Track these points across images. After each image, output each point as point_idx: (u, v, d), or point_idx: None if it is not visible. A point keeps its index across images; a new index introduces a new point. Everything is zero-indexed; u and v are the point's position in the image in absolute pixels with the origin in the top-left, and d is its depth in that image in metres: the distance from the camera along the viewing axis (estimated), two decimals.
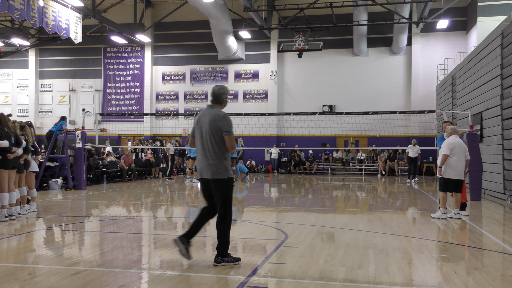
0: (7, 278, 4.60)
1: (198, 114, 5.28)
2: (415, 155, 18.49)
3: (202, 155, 5.12)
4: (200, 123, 5.13)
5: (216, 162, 5.05)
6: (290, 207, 10.81)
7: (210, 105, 5.22)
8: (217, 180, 5.06)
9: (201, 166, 5.14)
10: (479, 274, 4.95)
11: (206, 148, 5.08)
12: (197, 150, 5.20)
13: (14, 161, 8.08)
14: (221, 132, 5.02)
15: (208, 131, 5.04)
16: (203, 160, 5.11)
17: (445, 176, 8.69)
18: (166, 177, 20.13)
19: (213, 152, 5.05)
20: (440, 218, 8.74)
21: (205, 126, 5.07)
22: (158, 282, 4.56)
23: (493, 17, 20.65)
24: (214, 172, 5.06)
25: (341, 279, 4.65)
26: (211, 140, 5.04)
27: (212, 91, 5.27)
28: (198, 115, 5.24)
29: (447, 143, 8.63)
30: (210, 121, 5.05)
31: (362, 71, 25.83)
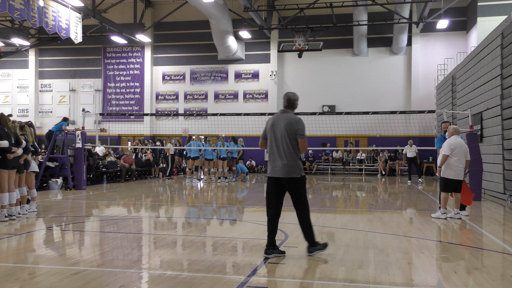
0: (7, 278, 4.60)
1: (271, 118, 5.66)
2: (413, 155, 18.43)
3: (276, 156, 5.52)
4: (275, 127, 5.54)
5: (291, 163, 5.46)
6: (290, 207, 10.76)
7: (284, 110, 5.68)
8: (292, 178, 5.48)
9: (274, 166, 5.52)
10: (479, 274, 4.95)
11: (281, 149, 5.48)
12: (270, 151, 5.58)
13: (14, 161, 8.08)
14: (296, 135, 5.44)
15: (284, 134, 5.47)
16: (277, 161, 5.49)
17: (445, 176, 8.68)
18: (166, 177, 20.14)
19: (288, 153, 5.46)
20: (440, 218, 8.74)
21: (281, 129, 5.49)
22: (158, 282, 4.56)
23: (493, 17, 20.65)
24: (290, 172, 5.46)
25: (341, 279, 4.65)
26: (286, 142, 5.46)
27: (287, 97, 5.68)
28: (271, 119, 5.63)
29: (448, 143, 8.63)
30: (286, 124, 5.48)
31: (362, 71, 25.83)
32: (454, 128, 8.85)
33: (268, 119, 5.71)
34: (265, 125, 5.71)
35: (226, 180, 18.27)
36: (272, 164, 5.54)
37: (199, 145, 17.84)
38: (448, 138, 8.85)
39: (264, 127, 5.70)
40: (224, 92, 27.58)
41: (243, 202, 11.81)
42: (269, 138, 5.59)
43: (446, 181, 8.70)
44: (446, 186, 8.74)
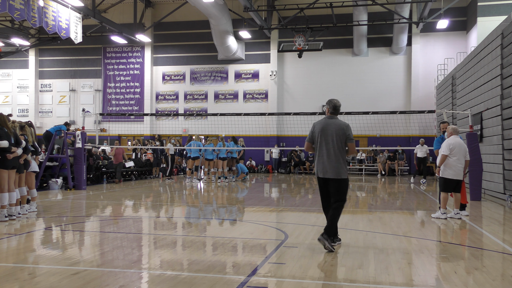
0: (7, 278, 4.60)
1: (319, 123, 6.11)
2: (423, 155, 18.09)
3: (326, 158, 5.99)
4: (325, 131, 6.02)
5: (340, 165, 5.99)
6: (290, 207, 10.82)
7: (330, 116, 6.18)
8: (340, 179, 6.00)
9: (325, 167, 6.00)
10: (479, 274, 4.95)
11: (332, 152, 5.97)
12: (320, 154, 6.04)
13: (14, 161, 8.08)
14: (346, 139, 6.02)
15: (334, 138, 5.99)
16: (328, 163, 5.98)
17: (444, 176, 8.68)
18: (166, 177, 20.14)
19: (338, 156, 5.99)
20: (440, 218, 8.74)
21: (331, 134, 6.00)
22: (158, 282, 4.56)
23: (493, 17, 20.66)
24: (338, 173, 5.98)
25: (341, 279, 4.65)
26: (337, 146, 5.99)
27: (333, 104, 6.17)
28: (320, 124, 6.09)
29: (447, 143, 8.62)
30: (336, 129, 6.02)
31: (362, 71, 25.84)
32: (453, 128, 8.84)
33: (315, 124, 6.15)
34: (312, 129, 6.15)
35: (226, 180, 18.26)
36: (323, 165, 6.01)
37: (199, 145, 17.85)
38: (447, 138, 8.84)
39: (310, 131, 6.14)
40: (224, 92, 27.58)
41: (243, 202, 11.81)
42: (318, 142, 6.05)
43: (446, 181, 8.70)
44: (445, 186, 8.73)
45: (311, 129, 6.16)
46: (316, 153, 6.11)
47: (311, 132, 6.14)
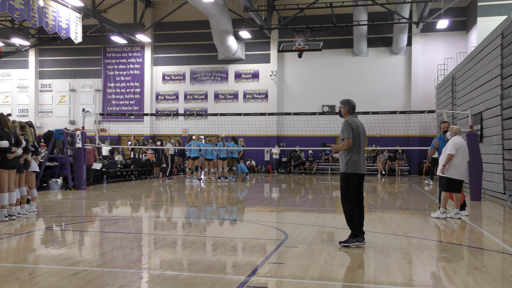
0: (7, 278, 4.60)
1: (356, 122, 6.30)
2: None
3: (362, 155, 6.32)
4: (360, 129, 6.31)
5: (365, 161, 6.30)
6: (290, 207, 10.82)
7: (355, 115, 6.47)
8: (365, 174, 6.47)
9: (361, 164, 6.28)
10: (479, 274, 4.95)
11: (363, 150, 6.33)
12: (361, 151, 6.29)
13: (14, 161, 8.08)
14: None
15: (364, 135, 6.42)
16: (363, 159, 6.33)
17: (448, 176, 8.60)
18: (166, 177, 20.13)
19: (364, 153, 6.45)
20: (440, 218, 8.73)
21: (363, 132, 6.38)
22: (158, 282, 4.56)
23: (493, 17, 20.65)
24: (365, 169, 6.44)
25: (341, 279, 4.65)
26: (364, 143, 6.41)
27: (353, 104, 6.47)
28: (356, 122, 6.29)
29: (453, 143, 8.55)
30: (363, 127, 6.41)
31: (362, 71, 25.84)
32: (457, 129, 8.78)
33: (355, 121, 6.30)
34: (352, 126, 6.22)
35: (226, 180, 18.26)
36: (361, 162, 6.27)
37: (199, 145, 17.85)
38: (451, 138, 8.79)
39: (351, 128, 6.20)
40: (224, 92, 27.58)
41: (243, 202, 11.81)
42: (358, 139, 6.25)
43: (449, 181, 8.62)
44: (448, 185, 8.67)
45: (352, 127, 6.20)
46: (354, 150, 6.20)
47: (354, 130, 6.21)
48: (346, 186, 6.19)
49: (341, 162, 6.30)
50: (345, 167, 6.22)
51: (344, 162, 6.23)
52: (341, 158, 6.33)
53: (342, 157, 6.29)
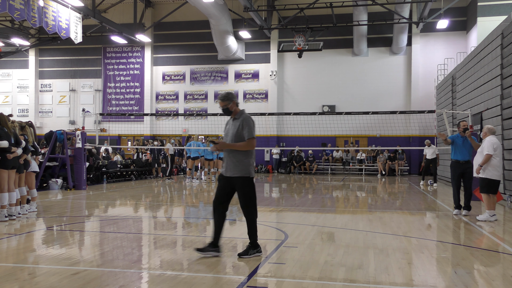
0: (7, 278, 4.60)
1: (252, 118, 5.91)
2: (432, 156, 17.02)
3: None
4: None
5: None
6: (290, 207, 10.81)
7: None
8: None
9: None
10: (479, 274, 4.95)
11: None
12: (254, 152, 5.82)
13: (14, 161, 8.08)
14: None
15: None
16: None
17: (489, 177, 8.40)
18: (166, 177, 20.13)
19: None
20: (489, 220, 8.40)
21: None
22: (158, 282, 4.56)
23: (493, 17, 20.65)
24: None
25: (341, 279, 4.65)
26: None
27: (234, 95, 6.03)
28: (253, 119, 5.92)
29: (490, 143, 8.34)
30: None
31: (362, 71, 25.84)
32: (489, 128, 8.56)
33: (252, 118, 5.93)
34: (254, 124, 5.83)
35: None
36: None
37: (199, 145, 17.84)
38: (485, 138, 8.58)
39: (254, 126, 5.82)
40: (224, 92, 27.54)
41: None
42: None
43: (490, 182, 8.42)
44: (489, 187, 8.45)
45: (254, 124, 5.82)
46: (253, 152, 5.82)
47: (255, 128, 5.85)
48: (251, 191, 5.61)
49: (239, 164, 5.49)
50: (248, 171, 5.54)
51: (245, 164, 5.53)
52: (234, 159, 5.50)
53: (239, 159, 5.50)
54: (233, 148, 5.50)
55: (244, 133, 5.54)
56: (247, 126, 5.57)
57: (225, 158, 5.59)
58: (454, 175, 9.55)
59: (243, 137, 5.54)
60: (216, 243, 5.56)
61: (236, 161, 5.49)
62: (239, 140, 5.54)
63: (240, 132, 5.55)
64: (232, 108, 5.75)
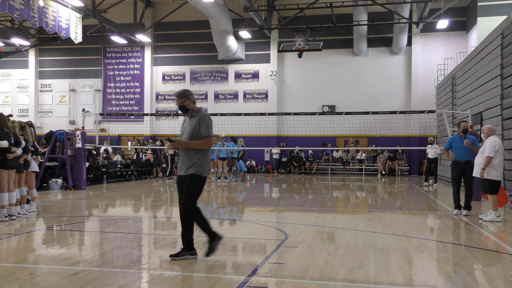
0: (7, 278, 4.60)
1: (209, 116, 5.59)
2: (434, 156, 16.70)
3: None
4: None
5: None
6: (290, 207, 10.82)
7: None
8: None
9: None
10: (479, 274, 4.95)
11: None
12: (210, 151, 5.58)
13: (14, 161, 8.08)
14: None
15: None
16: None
17: (491, 178, 8.35)
18: (166, 177, 20.13)
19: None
20: (495, 221, 8.39)
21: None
22: (158, 282, 4.56)
23: (493, 17, 20.65)
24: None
25: (341, 279, 4.65)
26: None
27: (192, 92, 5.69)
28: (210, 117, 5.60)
29: (492, 144, 8.27)
30: None
31: (362, 71, 25.84)
32: (490, 128, 8.47)
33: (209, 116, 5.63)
34: (211, 122, 5.58)
35: (226, 180, 18.27)
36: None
37: None
38: (486, 138, 8.50)
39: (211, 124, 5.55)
40: (224, 92, 27.58)
41: (243, 202, 11.81)
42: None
43: (493, 183, 8.38)
44: (493, 187, 8.41)
45: (211, 122, 5.54)
46: (209, 151, 5.55)
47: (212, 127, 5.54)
48: (197, 191, 5.39)
49: (193, 163, 5.33)
50: (200, 169, 5.35)
51: (200, 163, 5.35)
52: (189, 157, 5.35)
53: (194, 157, 5.33)
54: (189, 146, 5.34)
55: (201, 131, 5.36)
56: (204, 124, 5.37)
57: (181, 156, 5.44)
58: (454, 175, 9.55)
59: (200, 135, 5.37)
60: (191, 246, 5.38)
61: (191, 160, 5.34)
62: (195, 138, 5.37)
63: (196, 130, 5.38)
64: (189, 105, 5.54)
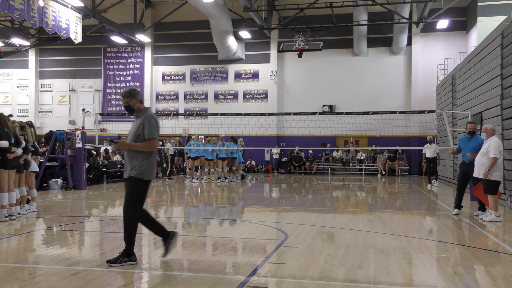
0: (7, 278, 4.60)
1: (156, 116, 5.32)
2: (433, 155, 16.39)
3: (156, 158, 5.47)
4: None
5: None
6: (290, 207, 10.82)
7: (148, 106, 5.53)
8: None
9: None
10: (479, 274, 4.95)
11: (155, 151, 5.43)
12: (155, 154, 5.30)
13: (14, 161, 8.08)
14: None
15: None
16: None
17: (493, 179, 8.30)
18: (166, 177, 20.14)
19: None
20: (495, 221, 8.36)
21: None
22: (158, 282, 4.56)
23: (493, 17, 20.65)
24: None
25: (341, 279, 4.65)
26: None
27: (139, 91, 5.45)
28: (157, 118, 5.32)
29: (497, 145, 8.17)
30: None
31: (362, 71, 25.84)
32: (492, 128, 8.36)
33: (156, 117, 5.36)
34: (158, 123, 5.32)
35: (226, 180, 18.26)
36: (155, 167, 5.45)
37: (199, 145, 17.85)
38: (488, 138, 8.40)
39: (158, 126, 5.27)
40: (224, 92, 27.58)
41: (243, 202, 11.81)
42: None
43: (495, 184, 8.34)
44: (495, 188, 8.37)
45: (157, 123, 5.26)
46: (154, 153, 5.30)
47: (158, 128, 5.27)
48: (140, 194, 5.15)
49: (136, 165, 5.10)
50: (142, 172, 5.09)
51: (141, 165, 5.10)
52: (132, 160, 5.13)
53: (137, 159, 5.11)
54: (133, 148, 5.11)
55: (144, 132, 5.10)
56: (148, 125, 5.10)
57: (125, 158, 5.24)
58: (459, 174, 9.58)
59: (143, 137, 5.11)
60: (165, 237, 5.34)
61: (134, 162, 5.12)
62: (138, 140, 5.13)
63: (140, 132, 5.13)
64: (135, 105, 5.28)
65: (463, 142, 9.44)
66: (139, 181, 5.10)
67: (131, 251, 5.16)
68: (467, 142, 9.33)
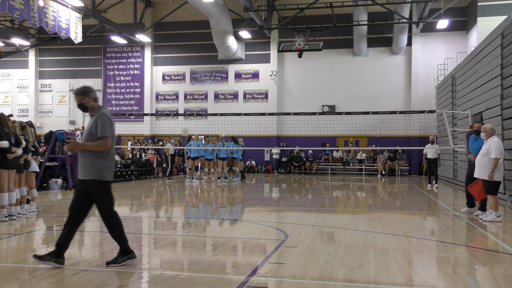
0: (7, 278, 4.60)
1: (110, 115, 5.20)
2: (434, 156, 15.78)
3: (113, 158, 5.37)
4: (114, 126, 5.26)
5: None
6: (290, 207, 10.82)
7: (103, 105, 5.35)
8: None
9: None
10: (479, 274, 4.95)
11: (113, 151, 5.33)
12: (113, 153, 5.21)
13: (14, 161, 8.08)
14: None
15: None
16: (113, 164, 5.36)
17: (495, 179, 8.25)
18: (166, 177, 20.13)
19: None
20: (495, 221, 8.34)
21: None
22: (158, 282, 4.56)
23: (493, 17, 20.66)
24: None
25: (341, 279, 4.65)
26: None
27: (93, 89, 5.32)
28: (111, 117, 5.21)
29: (498, 145, 8.10)
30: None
31: (362, 71, 25.84)
32: (492, 128, 8.29)
33: (110, 115, 5.20)
34: (112, 121, 5.18)
35: (226, 180, 18.26)
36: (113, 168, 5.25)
37: (199, 145, 17.85)
38: (487, 138, 8.34)
39: (111, 124, 5.14)
40: (224, 92, 27.58)
41: (243, 202, 11.81)
42: (113, 138, 5.23)
43: (495, 184, 8.32)
44: (495, 188, 8.35)
45: (111, 122, 5.11)
46: (111, 153, 5.17)
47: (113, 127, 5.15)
48: (106, 195, 5.11)
49: (90, 166, 4.97)
50: (100, 173, 4.98)
51: (97, 166, 4.98)
52: (88, 161, 4.99)
53: (90, 160, 4.98)
54: (85, 148, 4.98)
55: (97, 131, 4.97)
56: (100, 123, 4.97)
57: (79, 159, 5.11)
58: (466, 173, 9.57)
59: (96, 135, 4.98)
60: (60, 254, 4.98)
61: (87, 162, 4.97)
62: (91, 139, 5.00)
63: (93, 131, 4.99)
64: (88, 103, 5.14)
65: (470, 141, 9.43)
66: (99, 183, 5.00)
67: (128, 248, 5.12)
68: (473, 141, 9.30)
